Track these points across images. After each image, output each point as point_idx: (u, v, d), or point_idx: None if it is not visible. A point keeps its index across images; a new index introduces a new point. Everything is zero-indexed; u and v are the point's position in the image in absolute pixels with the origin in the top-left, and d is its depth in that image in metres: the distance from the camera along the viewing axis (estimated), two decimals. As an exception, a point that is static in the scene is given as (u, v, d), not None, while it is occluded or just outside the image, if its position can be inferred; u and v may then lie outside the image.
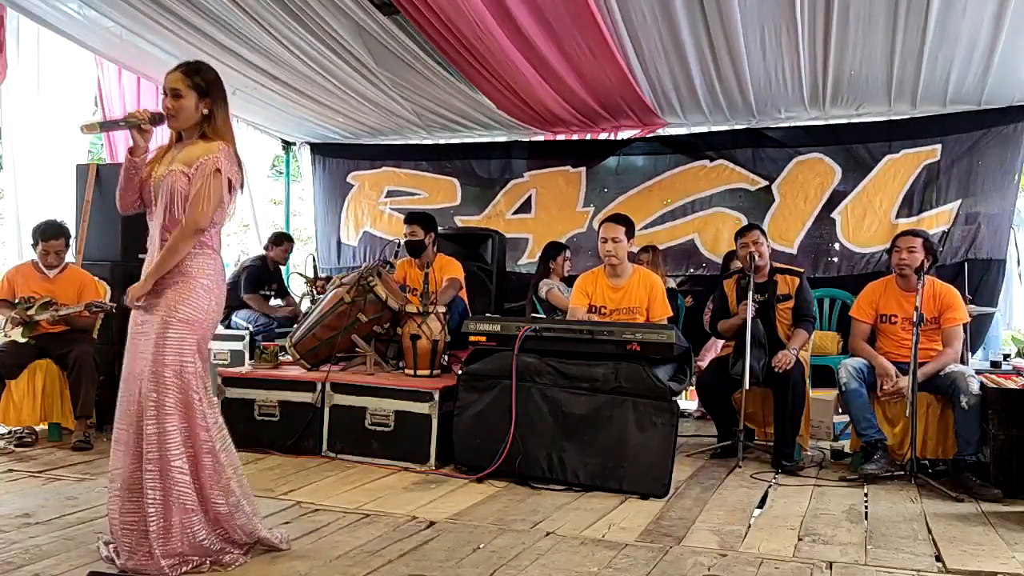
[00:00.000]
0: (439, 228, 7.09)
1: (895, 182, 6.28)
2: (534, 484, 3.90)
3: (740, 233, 4.83)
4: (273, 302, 6.76)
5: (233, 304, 6.70)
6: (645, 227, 6.75)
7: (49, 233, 4.75)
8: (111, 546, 2.73)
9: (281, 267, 7.00)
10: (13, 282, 4.75)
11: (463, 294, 5.40)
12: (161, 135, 3.02)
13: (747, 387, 4.27)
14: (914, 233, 4.53)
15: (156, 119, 2.80)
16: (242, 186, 2.86)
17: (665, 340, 3.94)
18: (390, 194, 7.80)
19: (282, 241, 6.98)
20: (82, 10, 5.05)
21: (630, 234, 4.53)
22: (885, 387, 4.24)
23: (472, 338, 4.23)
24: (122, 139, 6.47)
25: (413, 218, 5.44)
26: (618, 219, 4.60)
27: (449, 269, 5.32)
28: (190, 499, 2.68)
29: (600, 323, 4.27)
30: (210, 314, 2.80)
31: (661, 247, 6.48)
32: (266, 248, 6.92)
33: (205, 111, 2.79)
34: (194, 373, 2.72)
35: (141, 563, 2.61)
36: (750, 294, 4.40)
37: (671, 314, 4.60)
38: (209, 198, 2.71)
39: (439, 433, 4.18)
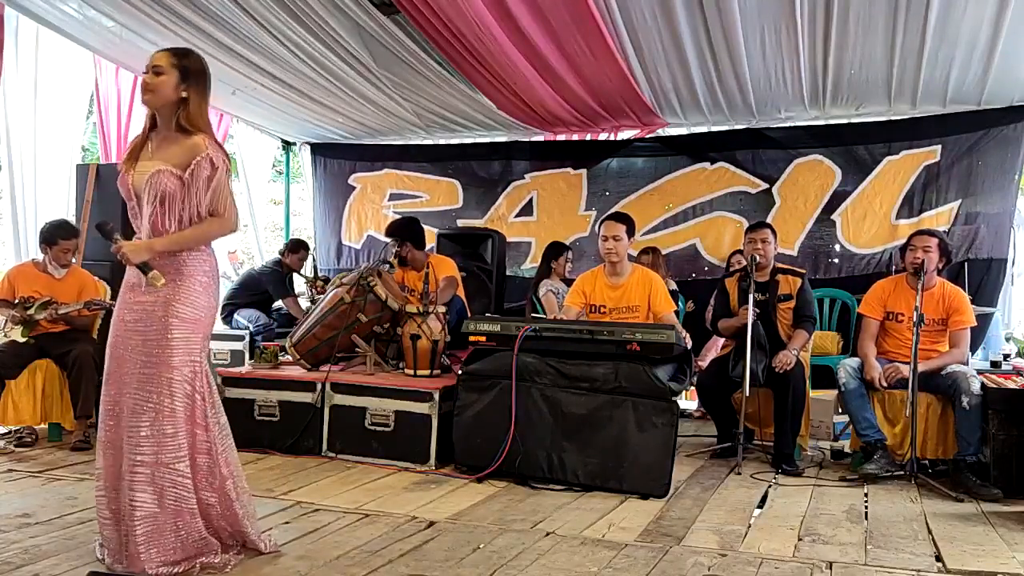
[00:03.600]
0: (439, 228, 7.13)
1: (895, 183, 6.29)
2: (534, 484, 3.90)
3: (751, 229, 4.81)
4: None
5: (238, 303, 6.72)
6: (647, 232, 6.76)
7: (68, 232, 4.80)
8: (104, 549, 2.73)
9: (295, 274, 7.01)
10: (14, 282, 4.75)
11: (460, 291, 5.40)
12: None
13: (747, 393, 4.27)
14: (930, 233, 4.51)
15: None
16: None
17: (665, 340, 3.93)
18: (392, 197, 7.80)
19: (299, 248, 7.00)
20: (82, 9, 5.05)
21: (631, 233, 4.54)
22: (877, 385, 4.23)
23: (472, 338, 4.23)
24: (116, 139, 6.48)
25: (390, 234, 5.43)
26: (619, 217, 4.61)
27: (443, 268, 5.31)
28: (191, 502, 2.65)
29: (600, 323, 4.27)
30: (210, 311, 2.77)
31: (664, 251, 6.48)
32: (282, 254, 6.92)
33: (183, 94, 2.68)
34: (200, 372, 2.69)
35: (128, 564, 2.58)
36: (751, 297, 4.39)
37: (675, 308, 4.59)
38: (229, 195, 2.70)
39: (439, 433, 4.18)
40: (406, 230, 5.42)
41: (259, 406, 4.52)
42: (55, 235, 4.74)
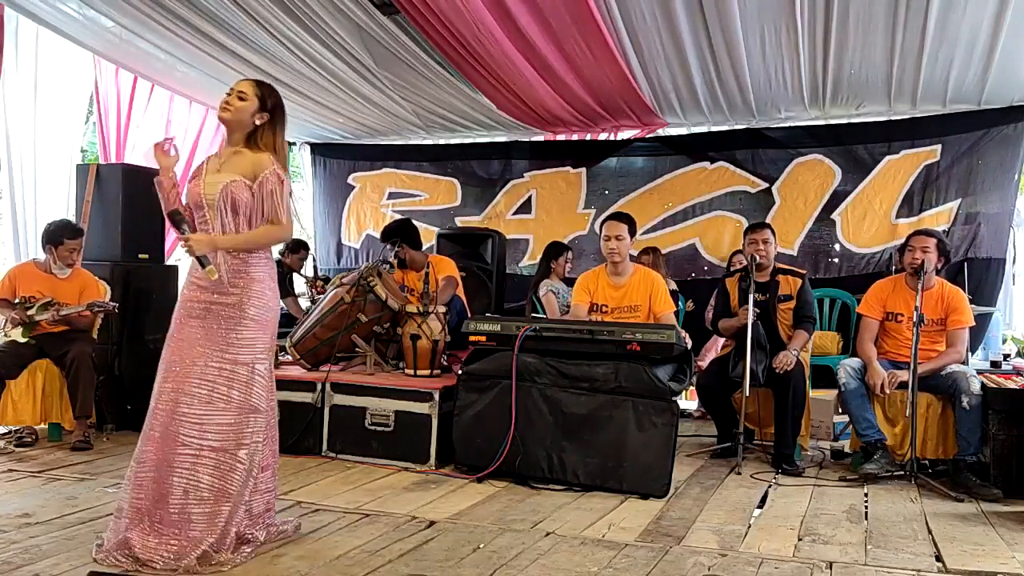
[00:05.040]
0: (439, 227, 7.13)
1: (895, 183, 6.29)
2: (534, 484, 3.90)
3: (751, 229, 4.80)
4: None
5: None
6: (647, 231, 6.75)
7: (73, 232, 4.80)
8: (101, 543, 2.78)
9: (294, 274, 7.00)
10: (15, 282, 4.75)
11: (459, 291, 5.40)
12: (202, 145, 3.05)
13: (747, 393, 4.27)
14: (928, 233, 4.51)
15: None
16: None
17: (665, 340, 3.93)
18: (391, 196, 7.80)
19: (299, 248, 6.99)
20: (82, 10, 5.05)
21: (632, 232, 4.54)
22: (878, 391, 4.23)
23: (472, 338, 4.23)
24: (116, 139, 6.47)
25: (385, 238, 5.43)
26: (621, 217, 4.61)
27: (443, 268, 5.31)
28: (244, 489, 2.80)
29: (600, 323, 4.27)
30: (276, 313, 2.97)
31: (663, 251, 6.48)
32: (282, 254, 6.91)
33: (258, 122, 2.92)
34: (265, 373, 2.88)
35: (168, 539, 2.70)
36: (751, 297, 4.39)
37: (675, 308, 4.59)
38: (287, 208, 2.91)
39: (439, 433, 4.18)
40: (401, 232, 5.41)
41: (259, 406, 4.51)
42: (61, 235, 4.74)
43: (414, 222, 5.68)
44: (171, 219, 2.89)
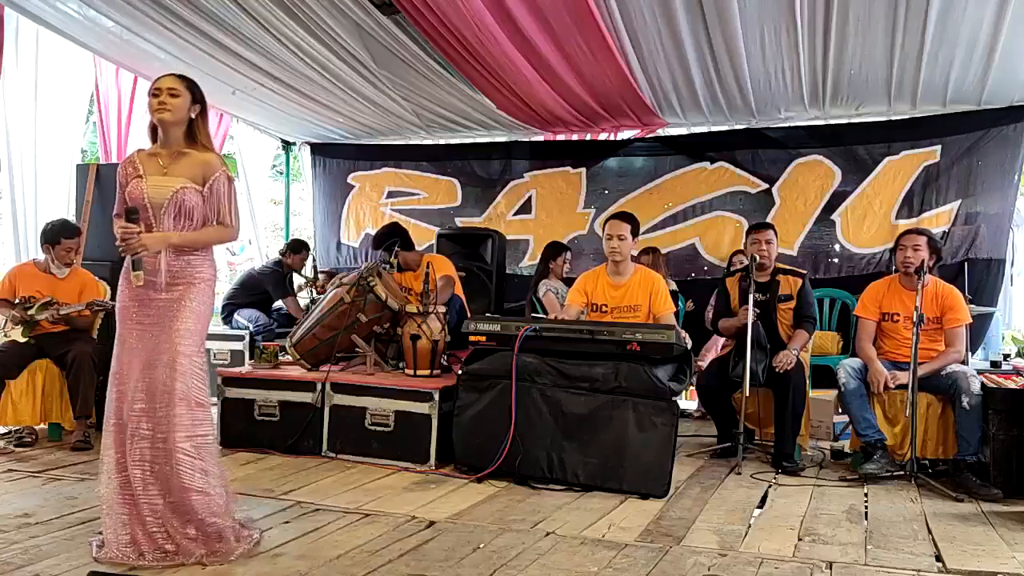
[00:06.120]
0: (438, 227, 7.13)
1: (895, 183, 6.29)
2: (534, 484, 3.90)
3: (754, 228, 4.80)
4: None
5: (238, 303, 6.73)
6: (647, 231, 6.74)
7: (71, 231, 4.81)
8: (98, 539, 2.80)
9: (295, 274, 7.00)
10: (15, 281, 4.75)
11: (458, 290, 5.40)
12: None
13: (747, 393, 4.27)
14: (919, 232, 4.52)
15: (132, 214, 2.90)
16: None
17: (665, 340, 3.93)
18: (391, 195, 7.80)
19: (301, 249, 7.00)
20: (82, 10, 5.05)
21: (635, 233, 4.54)
22: (878, 389, 4.24)
23: (472, 338, 4.23)
24: (116, 139, 6.48)
25: (378, 247, 5.43)
26: (624, 217, 4.61)
27: (440, 267, 5.31)
28: (197, 482, 2.79)
29: (600, 323, 4.27)
30: (211, 308, 3.02)
31: (663, 251, 6.48)
32: (283, 254, 6.91)
33: (193, 115, 2.96)
34: (202, 365, 2.91)
35: (129, 549, 2.73)
36: (751, 297, 4.39)
37: (675, 309, 4.59)
38: (235, 209, 2.99)
39: (439, 433, 4.18)
40: (392, 236, 5.40)
41: (259, 406, 4.51)
42: (58, 234, 4.75)
43: (402, 222, 5.67)
44: (129, 215, 2.88)
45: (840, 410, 4.68)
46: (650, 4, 4.66)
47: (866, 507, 3.71)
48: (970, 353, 5.27)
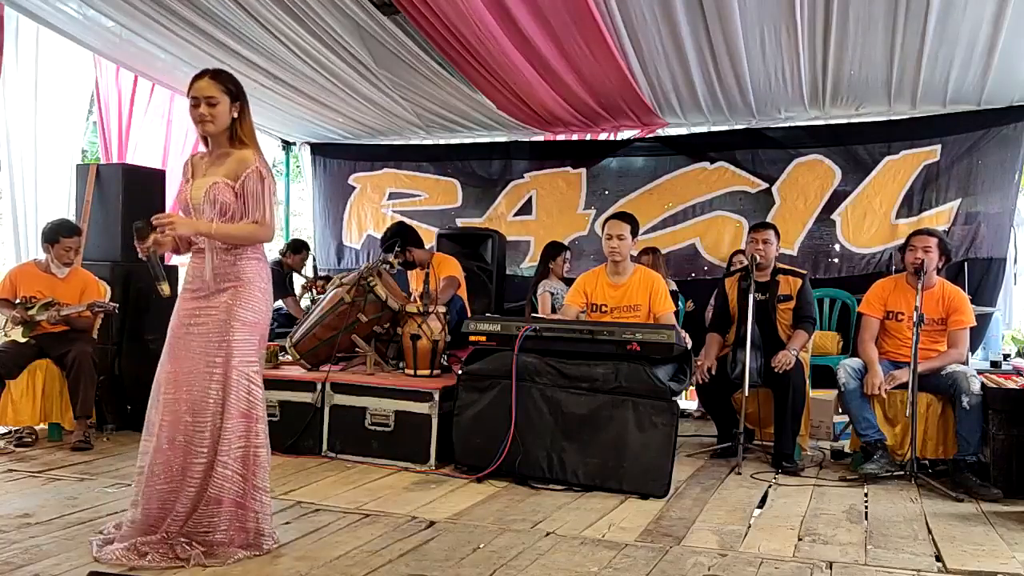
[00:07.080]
0: (439, 228, 7.13)
1: (895, 183, 6.29)
2: (534, 484, 3.90)
3: (754, 228, 4.80)
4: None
5: None
6: (647, 231, 6.74)
7: (70, 230, 4.81)
8: (101, 548, 2.78)
9: (295, 274, 6.99)
10: (15, 282, 4.76)
11: (462, 291, 5.39)
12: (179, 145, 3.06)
13: (747, 393, 4.27)
14: (929, 232, 4.50)
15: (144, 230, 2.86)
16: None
17: (665, 340, 3.93)
18: (392, 196, 7.80)
19: (301, 249, 7.00)
20: (82, 9, 5.05)
21: (634, 233, 4.54)
22: (871, 391, 4.23)
23: (472, 338, 4.23)
24: (116, 139, 6.47)
25: (387, 248, 5.41)
26: (624, 217, 4.61)
27: (446, 267, 5.31)
28: (238, 493, 2.81)
29: (600, 323, 4.27)
30: (267, 316, 2.99)
31: (663, 251, 6.48)
32: (283, 254, 6.90)
33: (235, 114, 2.89)
34: (257, 372, 2.91)
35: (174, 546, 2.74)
36: (751, 297, 4.39)
37: (674, 309, 4.58)
38: (271, 207, 2.89)
39: (439, 433, 4.18)
40: (401, 234, 5.40)
41: (259, 406, 4.51)
42: (57, 233, 4.75)
43: (408, 220, 5.68)
44: (136, 230, 2.85)
45: (840, 410, 4.68)
46: (650, 4, 4.66)
47: (866, 507, 3.71)
48: (970, 353, 5.26)
